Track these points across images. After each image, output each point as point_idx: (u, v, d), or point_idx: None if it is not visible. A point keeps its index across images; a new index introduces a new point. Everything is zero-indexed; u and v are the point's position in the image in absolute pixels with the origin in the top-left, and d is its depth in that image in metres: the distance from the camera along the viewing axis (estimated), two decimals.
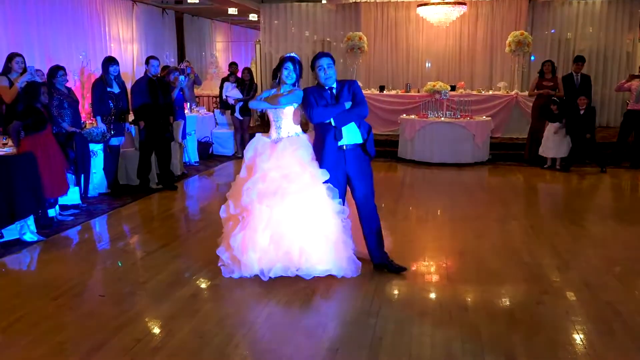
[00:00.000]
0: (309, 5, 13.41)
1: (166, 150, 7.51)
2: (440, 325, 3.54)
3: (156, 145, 7.37)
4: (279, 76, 4.43)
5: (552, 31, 12.64)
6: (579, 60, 9.40)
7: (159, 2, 12.62)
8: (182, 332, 3.42)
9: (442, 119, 9.70)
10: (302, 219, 4.15)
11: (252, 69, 11.54)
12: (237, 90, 10.13)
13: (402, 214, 6.40)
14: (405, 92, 11.59)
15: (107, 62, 7.03)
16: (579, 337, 3.37)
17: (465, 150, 9.49)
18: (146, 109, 7.19)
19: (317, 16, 13.37)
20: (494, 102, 10.90)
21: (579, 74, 9.33)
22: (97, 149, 6.94)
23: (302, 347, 3.26)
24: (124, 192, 7.21)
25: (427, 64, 13.14)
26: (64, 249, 5.18)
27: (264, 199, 4.16)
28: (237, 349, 3.24)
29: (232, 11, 13.88)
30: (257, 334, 3.42)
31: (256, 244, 4.14)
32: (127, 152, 7.63)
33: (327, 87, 4.28)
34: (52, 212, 5.76)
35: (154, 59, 7.41)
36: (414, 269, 4.54)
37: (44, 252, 5.02)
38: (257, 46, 14.88)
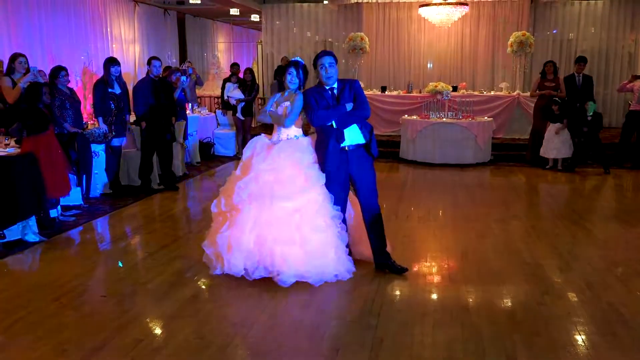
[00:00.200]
0: (310, 5, 13.42)
1: (168, 150, 7.52)
2: (441, 325, 3.54)
3: (158, 145, 7.38)
4: (283, 81, 4.46)
5: (554, 31, 12.63)
6: (581, 60, 9.39)
7: (160, 2, 12.64)
8: (183, 332, 3.43)
9: (444, 119, 9.69)
10: (287, 225, 4.13)
11: (254, 70, 11.57)
12: (239, 90, 10.14)
13: (403, 214, 6.39)
14: (407, 92, 11.58)
15: (109, 62, 7.03)
16: (580, 338, 3.37)
17: (467, 151, 9.48)
18: (149, 109, 7.20)
19: (319, 17, 13.39)
20: (496, 103, 10.90)
21: (581, 75, 9.31)
22: (98, 149, 6.95)
23: (303, 348, 3.26)
24: (126, 193, 7.22)
25: (429, 65, 13.14)
26: (66, 250, 5.19)
27: (254, 200, 4.17)
28: (237, 349, 3.24)
29: (234, 12, 13.88)
30: (257, 335, 3.41)
31: (241, 244, 4.16)
32: (128, 152, 7.64)
33: (328, 87, 4.28)
34: (54, 213, 5.76)
35: (156, 59, 7.42)
36: (416, 269, 4.54)
37: (46, 252, 5.03)
38: (259, 47, 14.92)
